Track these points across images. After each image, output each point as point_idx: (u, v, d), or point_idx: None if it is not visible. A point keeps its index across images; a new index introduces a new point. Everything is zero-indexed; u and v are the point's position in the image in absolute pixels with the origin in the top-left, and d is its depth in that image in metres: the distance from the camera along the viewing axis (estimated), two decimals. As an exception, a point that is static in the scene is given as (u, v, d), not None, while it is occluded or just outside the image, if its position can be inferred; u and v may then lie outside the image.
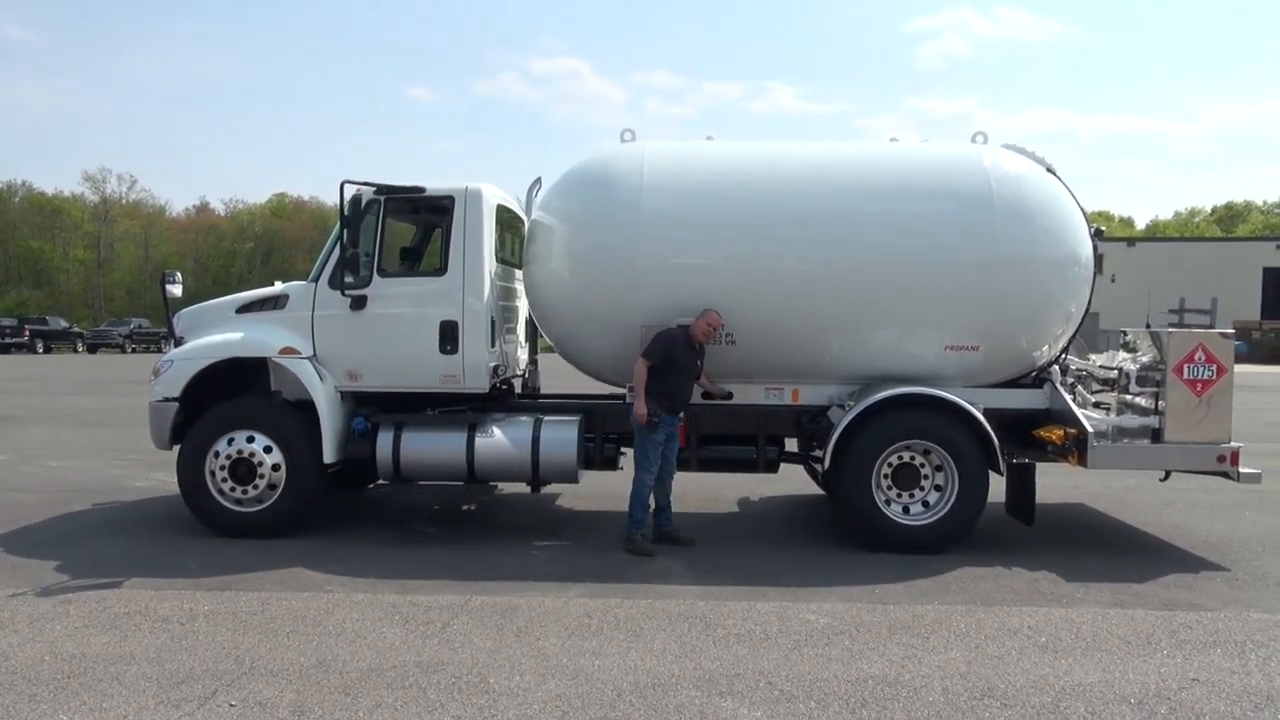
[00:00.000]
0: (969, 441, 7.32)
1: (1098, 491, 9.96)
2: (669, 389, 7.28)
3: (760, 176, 7.74)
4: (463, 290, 7.59)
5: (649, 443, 7.35)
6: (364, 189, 7.60)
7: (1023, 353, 7.73)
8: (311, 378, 7.60)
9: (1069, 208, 7.68)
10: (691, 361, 7.35)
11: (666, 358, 7.21)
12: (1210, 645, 5.38)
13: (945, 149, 8.17)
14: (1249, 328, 43.79)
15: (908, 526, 7.37)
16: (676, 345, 7.25)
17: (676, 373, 7.27)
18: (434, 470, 7.76)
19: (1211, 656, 5.20)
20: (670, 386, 7.28)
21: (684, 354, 7.29)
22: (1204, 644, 5.40)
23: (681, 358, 7.27)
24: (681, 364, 7.27)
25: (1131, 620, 5.79)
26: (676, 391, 7.33)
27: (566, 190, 7.94)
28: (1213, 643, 5.42)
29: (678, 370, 7.27)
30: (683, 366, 7.28)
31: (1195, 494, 9.61)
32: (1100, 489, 10.04)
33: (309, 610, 5.81)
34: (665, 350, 7.22)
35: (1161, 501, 9.39)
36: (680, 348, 7.26)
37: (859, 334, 7.64)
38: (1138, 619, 5.82)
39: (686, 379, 7.37)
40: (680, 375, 7.30)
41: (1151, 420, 7.33)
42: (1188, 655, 5.21)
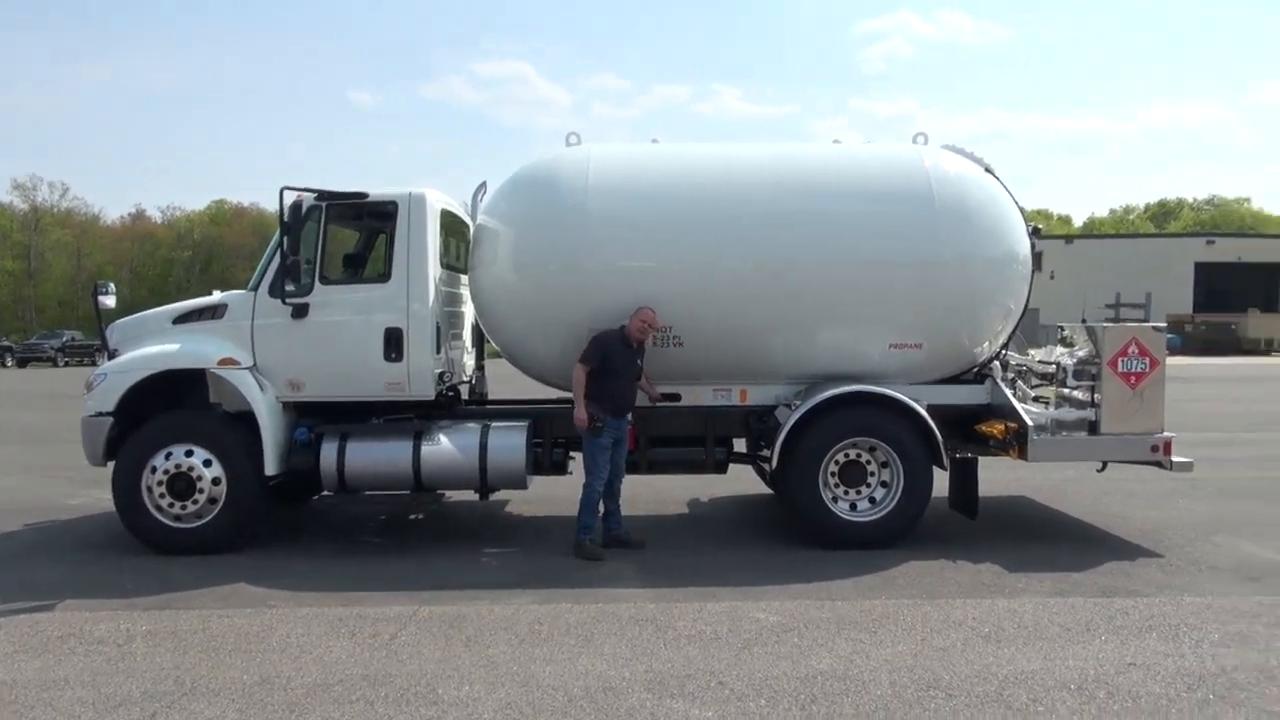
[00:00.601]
0: (913, 438, 7.44)
1: (1038, 484, 10.18)
2: (610, 391, 7.25)
3: (705, 179, 7.79)
4: (407, 297, 7.51)
5: (596, 448, 7.33)
6: (305, 195, 7.50)
7: (964, 349, 7.88)
8: (252, 388, 7.47)
9: (1007, 207, 7.84)
10: (630, 361, 7.32)
11: (604, 360, 7.20)
12: (1146, 630, 5.53)
13: (887, 150, 8.28)
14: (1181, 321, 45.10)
15: (855, 523, 7.46)
16: (613, 347, 7.23)
17: (615, 374, 7.25)
18: (380, 480, 7.66)
19: (1147, 641, 5.35)
20: (611, 389, 7.25)
21: (622, 355, 7.26)
22: (1140, 629, 5.55)
23: (619, 359, 7.24)
24: (620, 365, 7.24)
25: (1071, 608, 5.93)
26: (618, 393, 7.30)
27: (512, 194, 7.91)
28: (1148, 627, 5.57)
29: (616, 372, 7.24)
30: (621, 368, 7.25)
31: (1131, 484, 9.87)
32: (1041, 481, 10.27)
33: (251, 627, 5.71)
34: (601, 353, 7.21)
35: (1099, 492, 9.62)
36: (617, 349, 7.24)
37: (805, 334, 7.71)
38: (1077, 607, 5.96)
39: (627, 380, 7.34)
40: (619, 377, 7.27)
41: (1088, 413, 7.52)
42: (1124, 640, 5.35)
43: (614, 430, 7.38)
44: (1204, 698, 4.57)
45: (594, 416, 7.22)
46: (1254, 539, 7.78)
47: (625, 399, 7.38)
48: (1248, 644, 5.29)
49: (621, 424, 7.45)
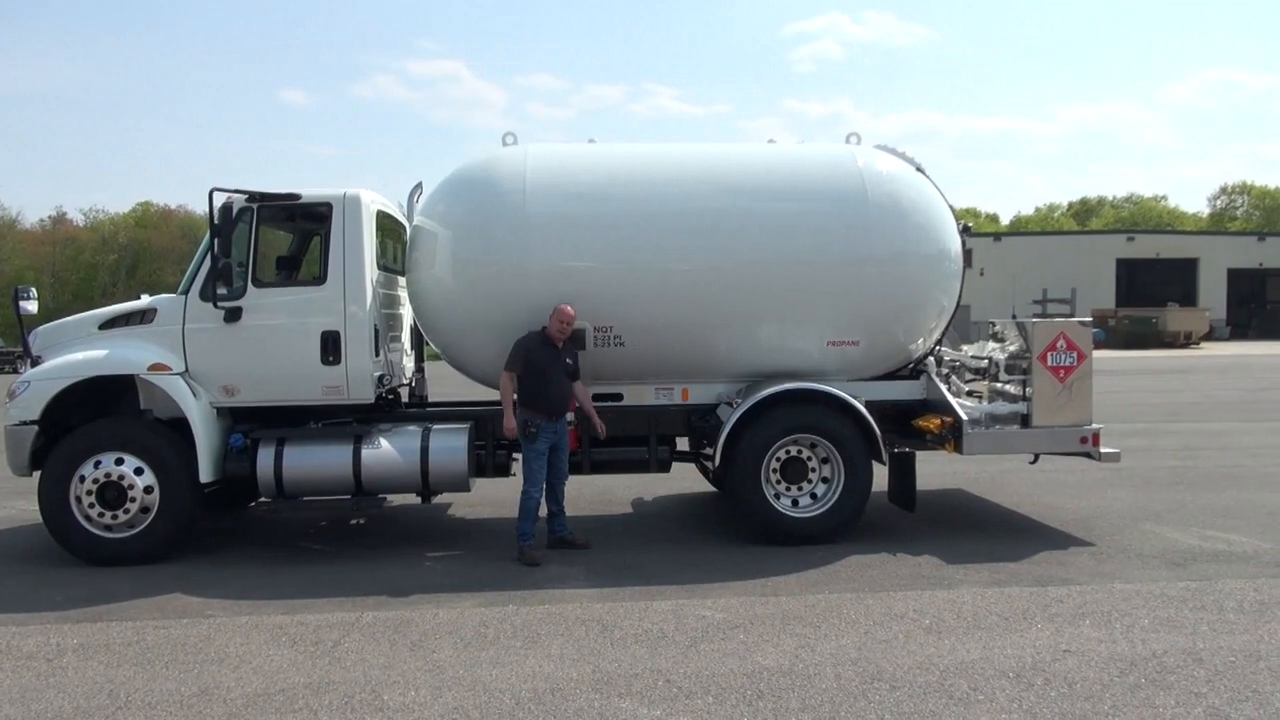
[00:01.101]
0: (853, 433, 7.54)
1: (974, 476, 10.40)
2: (539, 393, 7.19)
3: (643, 178, 7.80)
4: (344, 299, 7.40)
5: (531, 455, 7.25)
6: (235, 196, 7.34)
7: (900, 346, 8.01)
8: (184, 394, 7.28)
9: (939, 205, 7.99)
10: (556, 361, 7.21)
11: (526, 364, 7.15)
12: (1079, 617, 5.69)
13: (821, 150, 8.39)
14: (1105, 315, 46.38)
15: (798, 519, 7.54)
16: (536, 349, 7.17)
17: (542, 375, 7.16)
18: (319, 485, 7.53)
19: (1081, 627, 5.50)
20: (540, 391, 7.19)
21: (545, 355, 7.18)
22: (1074, 616, 5.70)
23: (544, 359, 7.16)
24: (544, 365, 7.16)
25: (1008, 598, 6.07)
26: (547, 395, 7.20)
27: (449, 195, 7.83)
28: (1082, 614, 5.73)
29: (542, 373, 7.16)
30: (546, 368, 7.16)
31: (1062, 475, 10.14)
32: (976, 474, 10.49)
33: (188, 637, 5.56)
34: (524, 357, 7.16)
35: (1032, 483, 9.87)
36: (539, 350, 7.17)
37: (744, 332, 7.77)
38: (1013, 596, 6.10)
39: (555, 381, 7.21)
40: (545, 377, 7.17)
41: (1020, 406, 7.70)
42: (1059, 628, 5.50)
43: (549, 434, 7.28)
44: (1136, 682, 4.71)
45: (527, 422, 7.15)
46: (1178, 526, 8.05)
47: (556, 400, 7.25)
48: (1175, 628, 5.48)
49: (558, 426, 7.35)
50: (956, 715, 4.35)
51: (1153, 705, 4.42)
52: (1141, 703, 4.45)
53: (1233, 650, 5.10)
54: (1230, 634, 5.35)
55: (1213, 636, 5.32)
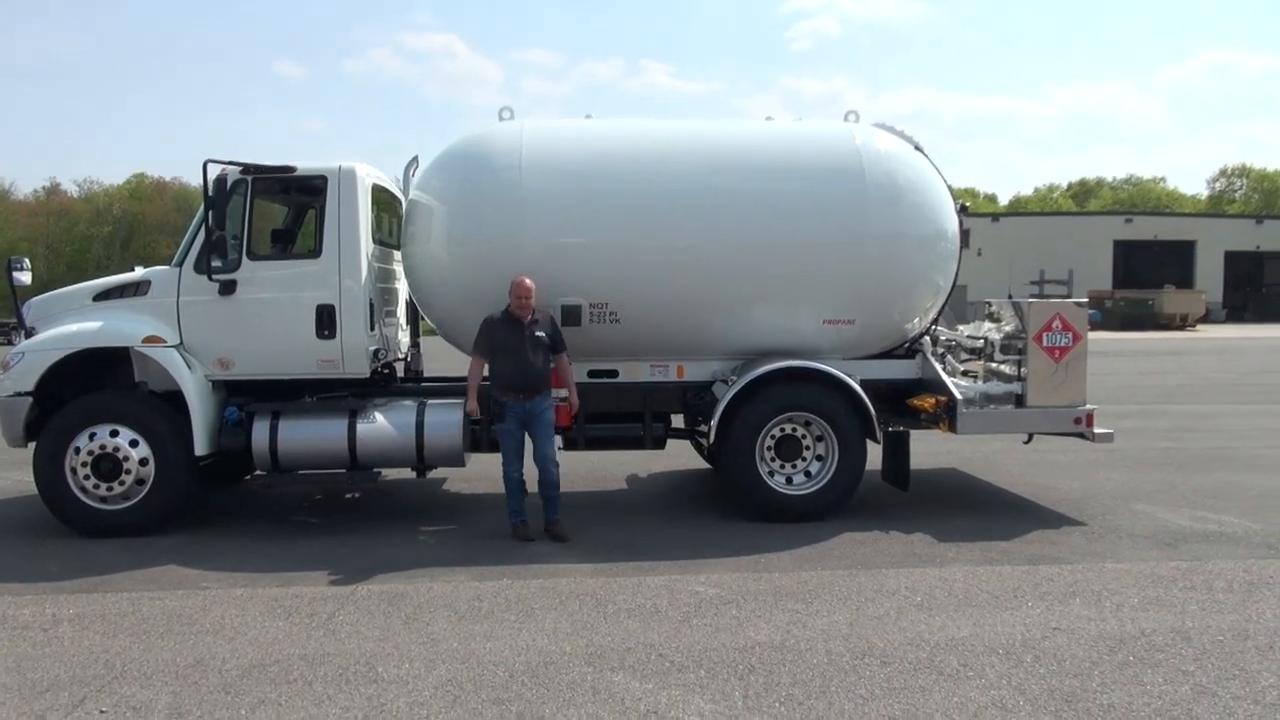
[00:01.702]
0: (847, 412, 7.56)
1: (968, 456, 10.44)
2: (504, 372, 7.01)
3: (640, 155, 7.77)
4: (339, 273, 7.38)
5: (503, 433, 7.13)
6: (229, 169, 7.31)
7: (896, 325, 8.01)
8: (179, 367, 7.27)
9: (936, 185, 7.97)
10: (521, 337, 6.95)
11: (490, 345, 7.04)
12: (1070, 595, 5.73)
13: (819, 128, 8.35)
14: (1102, 297, 46.45)
15: (791, 496, 7.57)
16: (496, 328, 7.02)
17: (506, 352, 6.97)
18: (314, 459, 7.54)
19: (1071, 606, 5.54)
20: (506, 369, 7.00)
21: (507, 332, 6.97)
22: (1064, 594, 5.75)
23: (506, 337, 6.96)
24: (508, 343, 6.95)
25: (999, 576, 6.12)
26: (511, 371, 6.98)
27: (445, 169, 7.79)
28: (1072, 593, 5.77)
29: (505, 350, 6.97)
30: (510, 345, 6.95)
31: (1056, 455, 10.18)
32: (970, 453, 10.53)
33: (184, 608, 5.59)
34: (487, 339, 7.06)
35: (1026, 463, 9.91)
36: (501, 328, 7.00)
37: (740, 310, 7.76)
38: (1005, 574, 6.15)
39: (517, 356, 6.95)
40: (510, 354, 6.96)
41: (1015, 386, 7.72)
42: (1050, 606, 5.54)
43: (518, 413, 7.04)
44: (1125, 659, 4.75)
45: (494, 400, 7.07)
46: (1169, 507, 8.10)
47: (520, 376, 6.98)
48: (1165, 607, 5.52)
49: (530, 406, 7.03)
50: (946, 690, 4.39)
51: (1140, 683, 4.47)
52: (1130, 680, 4.50)
53: (1221, 629, 5.14)
54: (1219, 613, 5.40)
55: (1201, 616, 5.37)
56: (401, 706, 4.27)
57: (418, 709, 4.25)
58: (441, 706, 4.28)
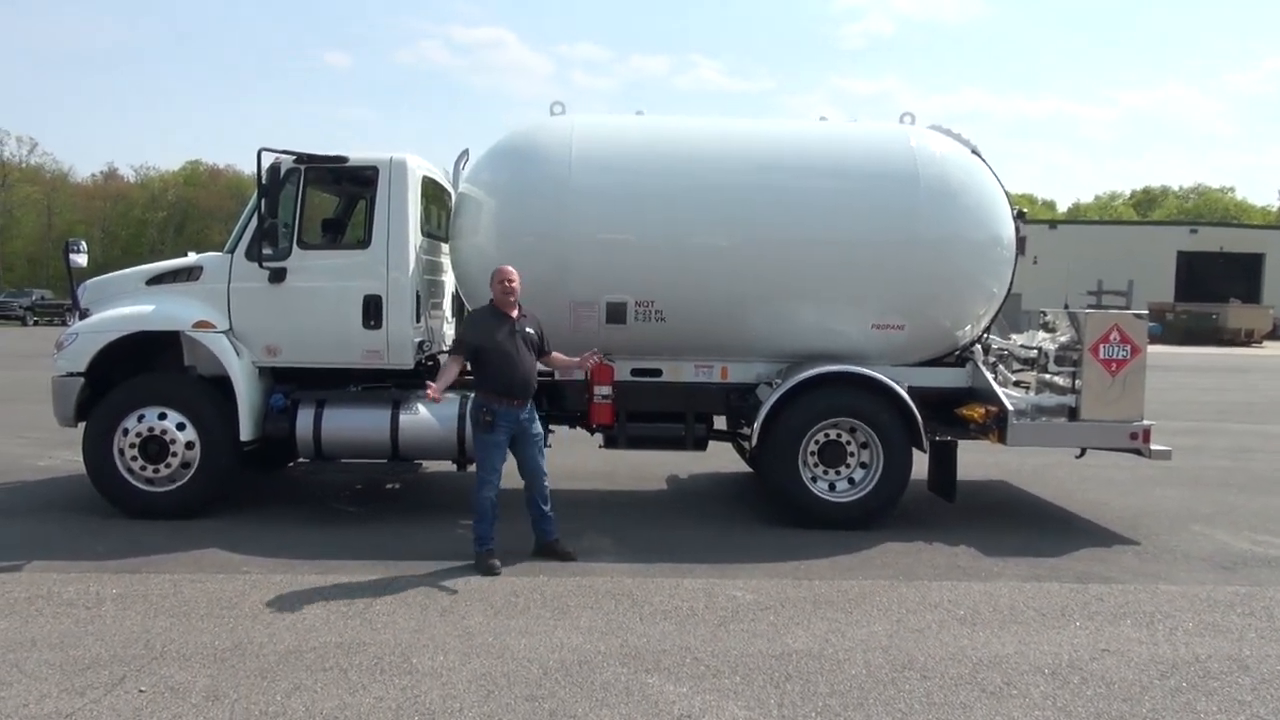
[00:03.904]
0: (894, 419, 7.47)
1: (1017, 468, 10.27)
2: (495, 374, 6.36)
3: (690, 152, 7.75)
4: (387, 264, 7.45)
5: (483, 445, 6.43)
6: (283, 157, 7.41)
7: (946, 332, 7.91)
8: (227, 352, 7.40)
9: (992, 189, 7.86)
10: (508, 334, 6.40)
11: (476, 344, 6.41)
12: (1120, 616, 5.61)
13: (873, 129, 8.28)
14: (1163, 309, 45.41)
15: (833, 503, 7.51)
16: (480, 324, 6.51)
17: (495, 352, 6.34)
18: (356, 448, 7.63)
19: (1121, 627, 5.42)
20: (497, 370, 6.36)
21: (494, 329, 6.40)
22: (1114, 615, 5.63)
23: (493, 335, 6.38)
24: (495, 342, 6.35)
25: (1046, 593, 6.01)
26: (501, 374, 6.35)
27: (494, 163, 7.84)
28: (1123, 614, 5.65)
29: (495, 349, 6.35)
30: (497, 344, 6.35)
31: (1109, 470, 9.97)
32: (1019, 466, 10.36)
33: (224, 592, 5.69)
34: (473, 336, 6.47)
35: (1077, 478, 9.72)
36: (486, 324, 6.47)
37: (787, 312, 7.71)
38: (1052, 592, 6.04)
39: (510, 358, 6.35)
40: (501, 354, 6.34)
41: (1068, 399, 7.58)
42: (1099, 626, 5.43)
43: (507, 421, 6.38)
44: (1177, 685, 4.64)
45: (482, 407, 6.36)
46: (1229, 529, 7.89)
47: (512, 380, 6.35)
48: (1221, 633, 5.38)
49: (524, 414, 6.46)
50: (988, 708, 4.32)
51: (1193, 710, 4.36)
52: (1182, 707, 4.39)
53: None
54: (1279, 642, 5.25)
55: (1260, 644, 5.22)
56: (435, 699, 4.31)
57: (450, 701, 4.28)
58: (474, 700, 4.30)
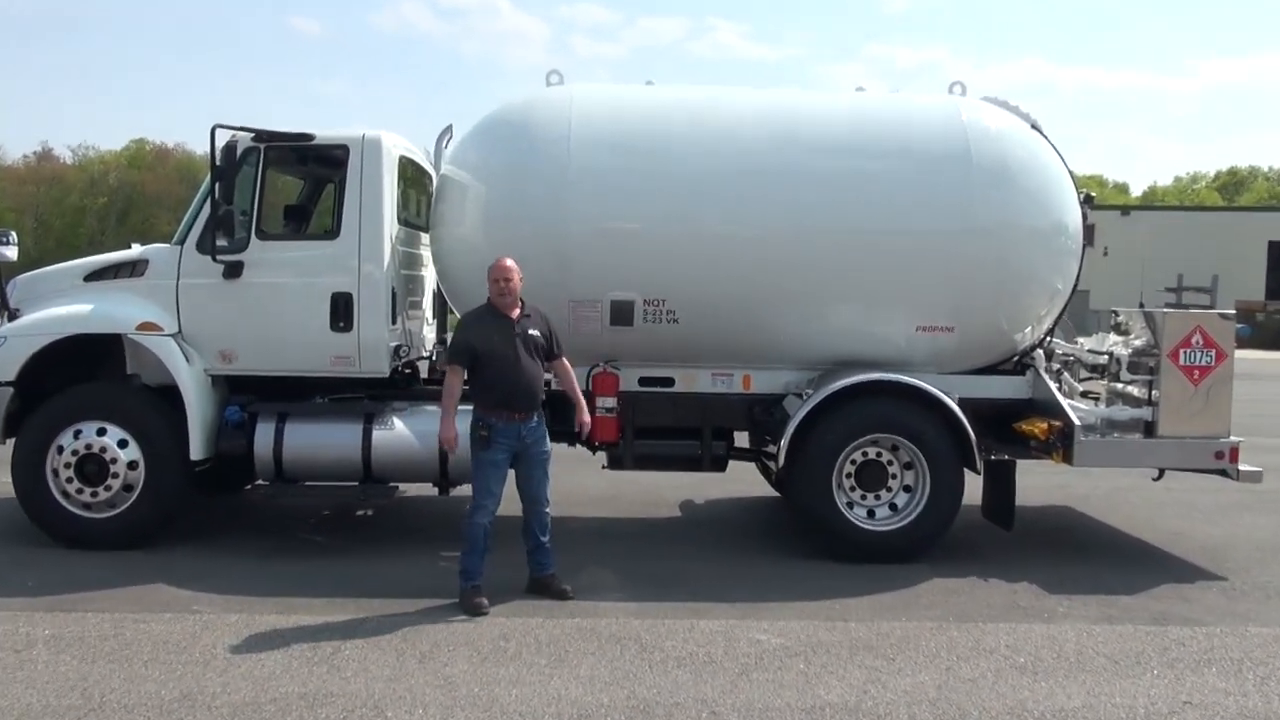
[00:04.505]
0: (942, 435, 7.46)
1: (1085, 492, 10.24)
2: (494, 383, 6.31)
3: (707, 129, 7.76)
4: (358, 256, 7.47)
5: (480, 465, 6.37)
6: (240, 135, 7.44)
7: (1003, 335, 7.89)
8: (176, 358, 7.42)
9: (1056, 170, 7.85)
10: (512, 337, 6.37)
11: (472, 348, 6.36)
12: (1204, 664, 5.58)
13: (918, 101, 8.31)
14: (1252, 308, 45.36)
15: (873, 532, 7.50)
16: (478, 327, 6.48)
17: (495, 358, 6.31)
18: (323, 469, 7.65)
19: (1206, 676, 5.40)
20: (491, 380, 6.32)
21: (492, 332, 6.38)
22: (1198, 662, 5.60)
23: (491, 338, 6.35)
24: (498, 346, 6.32)
25: (1119, 637, 5.99)
26: (508, 383, 6.31)
27: (483, 141, 7.87)
28: (1207, 661, 5.63)
29: (495, 354, 6.31)
30: (495, 348, 6.32)
31: (1191, 495, 9.93)
32: (1088, 489, 10.33)
33: (172, 634, 5.69)
34: (467, 340, 6.42)
35: (1154, 503, 9.68)
36: (484, 326, 6.44)
37: (819, 312, 7.72)
38: (1126, 635, 6.02)
39: (511, 365, 6.32)
40: (501, 360, 6.31)
41: (1144, 412, 7.56)
42: (1180, 675, 5.40)
43: (510, 438, 6.38)
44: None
45: (479, 422, 6.34)
46: (1329, 561, 7.86)
47: (513, 389, 6.32)
48: (1319, 681, 5.35)
49: (525, 429, 6.42)
50: (1051, 771, 4.30)
51: (1288, 772, 4.33)
52: (1274, 768, 4.36)
53: (1389, 712, 4.97)
54: (1387, 693, 5.22)
55: (1365, 695, 5.19)
56: (413, 758, 4.30)
57: (431, 762, 4.28)
58: (458, 760, 4.30)
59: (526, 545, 6.67)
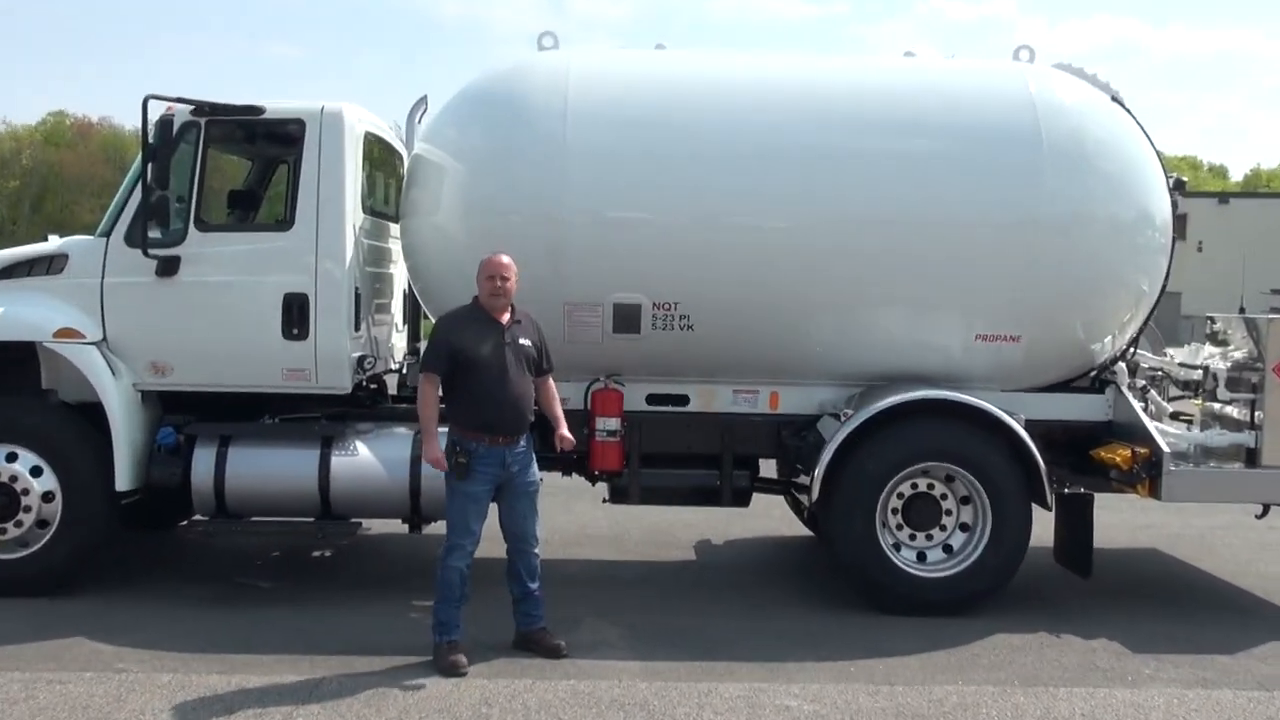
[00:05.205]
0: (1006, 464, 7.46)
1: (1176, 532, 10.23)
2: (476, 399, 6.27)
3: (728, 101, 7.78)
4: (316, 251, 7.50)
5: (458, 497, 6.35)
6: (177, 108, 7.46)
7: (1078, 345, 7.90)
8: (100, 371, 7.42)
9: (1141, 151, 7.86)
10: (500, 345, 6.33)
11: (454, 357, 6.29)
12: (1319, 737, 5.57)
13: (978, 68, 8.37)
14: (1373, 315, 45.18)
15: (924, 579, 7.50)
16: (462, 330, 6.41)
17: (478, 369, 6.26)
18: (273, 502, 7.66)
19: (1321, 752, 5.39)
20: (473, 396, 6.28)
21: (477, 337, 6.32)
22: (1311, 735, 5.59)
23: (477, 344, 6.29)
24: (482, 354, 6.26)
25: (1217, 705, 5.98)
26: (492, 400, 6.26)
27: (463, 115, 7.90)
28: (1322, 734, 5.61)
29: (478, 364, 6.26)
30: (486, 358, 6.26)
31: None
32: (1179, 529, 10.31)
33: (93, 697, 5.70)
34: (448, 346, 6.35)
35: (1258, 545, 9.68)
36: (467, 330, 6.38)
37: (860, 317, 7.74)
38: (1225, 703, 6.01)
39: (502, 376, 6.28)
40: (485, 371, 6.25)
41: (1245, 436, 7.57)
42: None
43: (494, 465, 6.33)
44: (1395, 830, 4.59)
45: (457, 445, 6.28)
46: None
47: (499, 407, 6.28)
48: None
49: (513, 455, 6.41)
50: None
51: None
52: None
53: None
54: None
55: None
56: (378, 846, 4.29)
57: None
58: None
59: (512, 593, 6.67)
